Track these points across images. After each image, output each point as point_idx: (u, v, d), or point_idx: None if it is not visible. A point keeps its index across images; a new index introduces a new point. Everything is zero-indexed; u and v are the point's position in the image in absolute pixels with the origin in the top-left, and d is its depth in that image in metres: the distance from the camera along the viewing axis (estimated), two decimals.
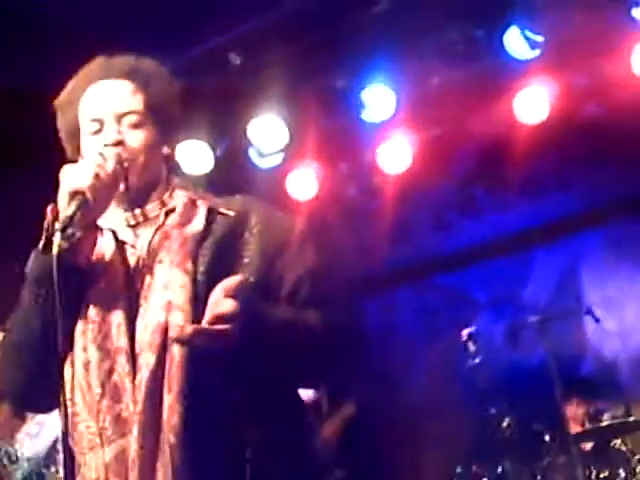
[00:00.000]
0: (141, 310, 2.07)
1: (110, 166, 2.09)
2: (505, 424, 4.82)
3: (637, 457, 4.63)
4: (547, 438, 5.03)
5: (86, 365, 2.07)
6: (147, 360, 2.01)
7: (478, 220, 7.03)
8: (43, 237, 2.02)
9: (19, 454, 3.85)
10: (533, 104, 6.09)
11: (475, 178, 7.00)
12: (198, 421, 1.96)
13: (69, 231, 1.99)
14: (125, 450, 1.99)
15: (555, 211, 6.79)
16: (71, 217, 1.98)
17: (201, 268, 2.08)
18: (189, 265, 2.08)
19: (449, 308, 6.96)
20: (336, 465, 5.21)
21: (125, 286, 2.12)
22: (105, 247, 2.17)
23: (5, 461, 3.82)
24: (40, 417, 3.96)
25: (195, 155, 5.72)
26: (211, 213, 2.19)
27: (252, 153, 5.99)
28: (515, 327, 5.64)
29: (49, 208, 2.05)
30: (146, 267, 2.12)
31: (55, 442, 3.99)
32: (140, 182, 2.18)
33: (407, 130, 6.37)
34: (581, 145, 6.44)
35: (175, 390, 1.97)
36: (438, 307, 7.07)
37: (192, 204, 2.21)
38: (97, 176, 2.05)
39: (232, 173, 5.91)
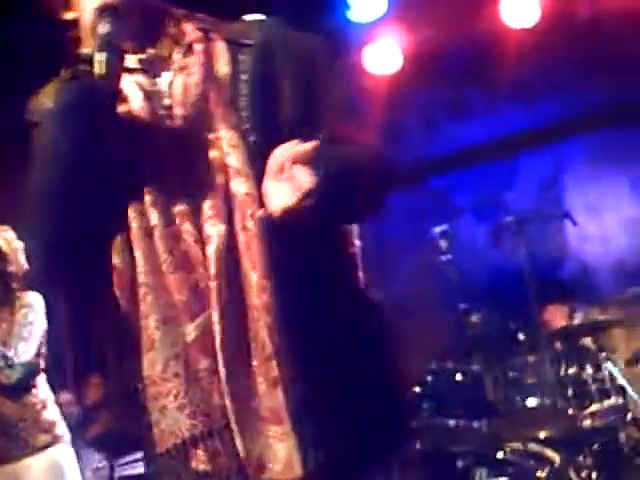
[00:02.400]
0: (193, 169, 1.88)
1: None
2: (474, 320, 4.92)
3: (603, 354, 4.75)
4: (521, 337, 5.14)
5: (148, 230, 1.88)
6: (216, 229, 1.83)
7: (466, 123, 7.04)
8: (66, 67, 1.82)
9: (15, 359, 3.89)
10: (522, 8, 6.08)
11: (465, 81, 6.98)
12: (291, 298, 1.81)
13: (104, 54, 1.78)
14: (209, 325, 1.82)
15: (542, 116, 6.80)
16: (108, 34, 1.79)
17: (245, 118, 1.88)
18: (233, 117, 1.89)
19: (435, 210, 7.01)
20: None
21: (168, 140, 1.90)
22: (130, 96, 1.93)
23: (2, 363, 3.87)
24: (29, 317, 4.02)
25: None
26: (231, 46, 1.97)
27: None
28: (495, 228, 5.70)
29: (69, 34, 1.88)
30: (184, 119, 1.91)
31: (40, 344, 4.08)
32: (151, 6, 1.97)
33: (396, 31, 6.34)
34: (571, 50, 6.41)
35: (260, 266, 1.81)
36: (425, 209, 7.13)
37: (206, 39, 1.98)
38: None
39: None
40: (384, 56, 6.41)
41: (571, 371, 4.78)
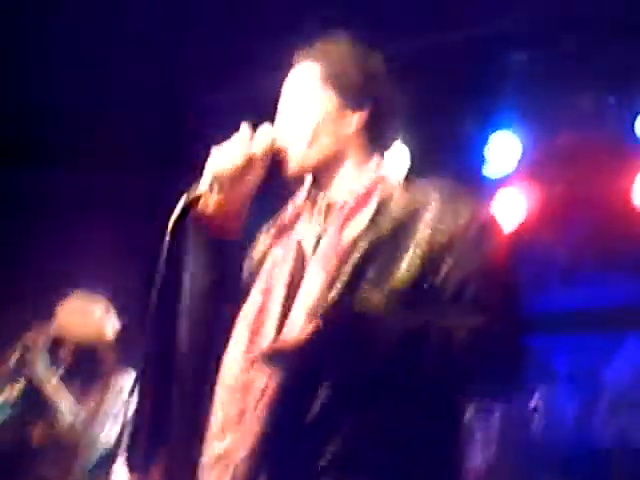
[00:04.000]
0: (293, 306, 2.04)
1: (253, 148, 2.09)
2: None
3: None
4: None
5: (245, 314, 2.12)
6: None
7: (575, 289, 6.91)
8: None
9: (100, 439, 3.90)
10: None
11: (582, 248, 6.88)
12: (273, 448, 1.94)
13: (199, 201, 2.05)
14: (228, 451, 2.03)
15: None
16: (198, 197, 2.05)
17: (347, 268, 1.98)
18: (332, 266, 2.01)
19: (527, 372, 6.81)
20: None
21: (290, 275, 2.10)
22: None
23: (86, 441, 3.88)
24: (119, 400, 4.01)
25: None
26: (381, 207, 2.08)
27: None
28: (588, 406, 5.52)
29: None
30: (307, 261, 2.10)
31: (123, 427, 4.04)
32: (302, 165, 2.16)
33: (523, 186, 6.32)
34: None
35: (260, 408, 1.97)
36: None
37: (366, 196, 2.11)
38: (236, 159, 2.05)
39: None
40: (508, 211, 6.36)
41: None
